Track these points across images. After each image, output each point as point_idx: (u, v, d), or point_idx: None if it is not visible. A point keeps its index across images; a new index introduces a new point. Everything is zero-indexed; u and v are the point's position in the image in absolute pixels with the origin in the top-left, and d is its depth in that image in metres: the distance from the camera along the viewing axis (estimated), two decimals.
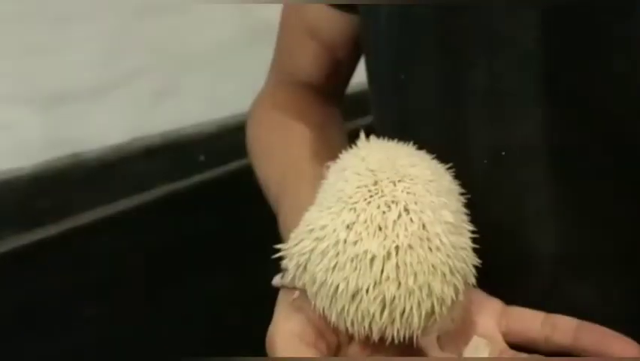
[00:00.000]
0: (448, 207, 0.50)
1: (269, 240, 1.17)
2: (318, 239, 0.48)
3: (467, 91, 0.55)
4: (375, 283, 0.46)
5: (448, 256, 0.48)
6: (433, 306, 0.47)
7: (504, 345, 0.51)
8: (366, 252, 0.47)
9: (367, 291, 0.46)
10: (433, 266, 0.47)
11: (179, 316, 1.15)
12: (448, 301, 0.48)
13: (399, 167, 0.50)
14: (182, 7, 1.14)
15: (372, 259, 0.47)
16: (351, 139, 0.66)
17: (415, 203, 0.48)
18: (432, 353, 0.50)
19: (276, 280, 0.52)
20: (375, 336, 0.48)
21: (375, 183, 0.49)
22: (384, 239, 0.47)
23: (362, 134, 0.56)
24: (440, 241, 0.48)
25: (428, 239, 0.47)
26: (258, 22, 1.18)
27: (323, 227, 0.48)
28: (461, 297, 0.49)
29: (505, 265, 0.55)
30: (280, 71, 0.76)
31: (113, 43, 1.12)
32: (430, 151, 0.54)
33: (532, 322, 0.51)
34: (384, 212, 0.48)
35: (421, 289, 0.47)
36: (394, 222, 0.47)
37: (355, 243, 0.47)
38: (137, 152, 1.12)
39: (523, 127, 0.53)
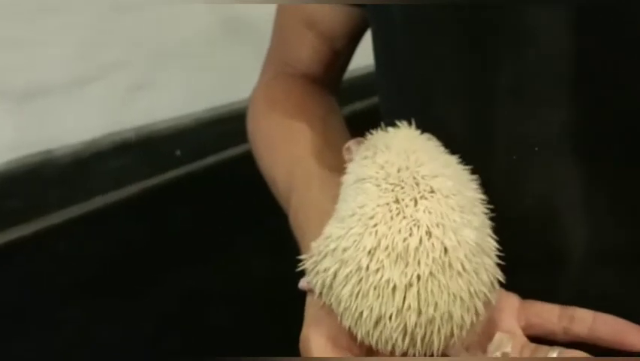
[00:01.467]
0: (472, 223, 0.50)
1: (247, 235, 1.15)
2: (342, 262, 0.48)
3: (495, 86, 0.55)
4: (397, 312, 0.47)
5: (469, 281, 0.48)
6: (452, 330, 0.48)
7: (524, 339, 0.53)
8: (388, 281, 0.47)
9: (390, 318, 0.47)
10: (453, 294, 0.48)
11: (158, 313, 1.14)
12: (468, 326, 0.49)
13: (420, 179, 0.50)
14: (158, 0, 1.13)
15: (394, 289, 0.47)
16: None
17: (437, 225, 0.48)
18: (456, 354, 0.51)
19: (303, 284, 0.53)
20: (398, 354, 0.49)
21: (397, 201, 0.49)
22: (406, 267, 0.47)
23: (380, 130, 0.55)
24: (462, 266, 0.48)
25: (450, 265, 0.48)
26: (233, 15, 1.18)
27: (345, 249, 0.48)
28: (482, 318, 0.50)
29: (536, 258, 0.56)
30: (277, 63, 0.76)
31: (86, 37, 1.10)
32: (455, 146, 0.54)
33: (549, 315, 0.54)
34: (404, 238, 0.47)
35: (441, 317, 0.48)
36: (416, 249, 0.47)
37: (377, 271, 0.47)
38: (112, 148, 1.10)
39: (552, 123, 0.54)
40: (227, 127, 1.16)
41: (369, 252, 0.48)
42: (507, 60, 0.54)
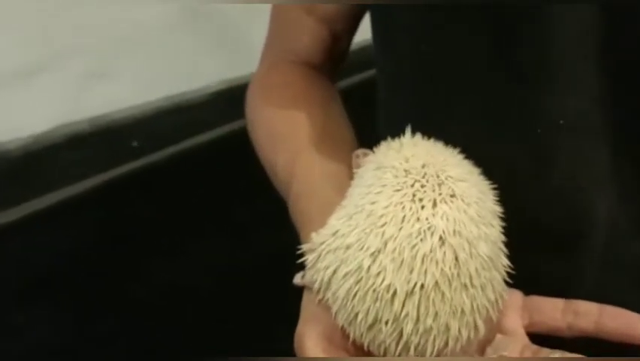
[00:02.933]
0: (488, 236, 0.48)
1: (209, 226, 1.13)
2: (342, 261, 0.47)
3: (520, 63, 0.54)
4: (394, 319, 0.45)
5: (474, 296, 0.46)
6: (447, 341, 0.47)
7: (526, 340, 0.52)
8: (388, 286, 0.45)
9: (386, 324, 0.46)
10: (455, 307, 0.46)
11: (120, 310, 1.11)
12: (464, 340, 0.47)
13: (444, 179, 0.47)
14: None
15: (394, 295, 0.45)
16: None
17: (454, 233, 0.46)
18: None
19: (297, 279, 0.52)
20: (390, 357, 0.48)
21: (413, 200, 0.46)
22: (410, 273, 0.45)
23: (408, 131, 0.52)
24: (470, 280, 0.46)
25: (458, 276, 0.46)
26: (191, 2, 1.15)
27: (348, 247, 0.46)
28: (480, 334, 0.48)
29: (563, 230, 0.55)
30: (276, 51, 0.75)
31: (35, 23, 1.07)
32: (477, 122, 0.54)
33: (553, 311, 0.52)
34: (414, 244, 0.45)
35: (438, 329, 0.46)
36: (425, 256, 0.45)
37: (378, 274, 0.45)
38: (65, 140, 1.08)
39: (578, 99, 0.53)
40: (187, 116, 1.15)
41: (373, 253, 0.45)
42: (532, 36, 0.53)
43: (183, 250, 1.13)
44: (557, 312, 0.52)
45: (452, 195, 0.47)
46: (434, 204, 0.46)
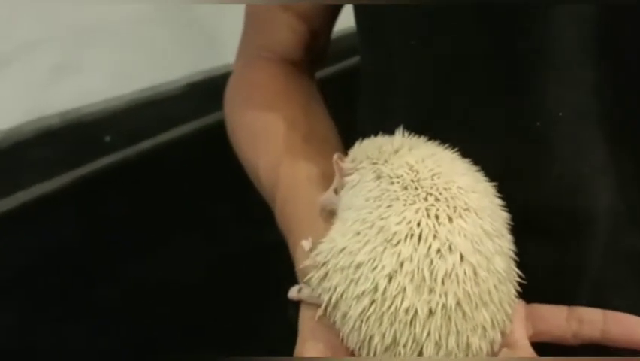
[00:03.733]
0: (502, 249, 0.47)
1: (185, 223, 1.11)
2: (353, 281, 0.45)
3: (520, 51, 0.54)
4: (413, 340, 0.44)
5: (493, 312, 0.46)
6: (466, 357, 0.46)
7: (531, 352, 0.51)
8: (407, 309, 0.44)
9: (404, 346, 0.45)
10: (476, 324, 0.45)
11: (93, 310, 1.09)
12: (483, 355, 0.47)
13: (457, 192, 0.46)
14: None
15: (414, 316, 0.44)
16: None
17: (473, 250, 0.45)
18: None
19: (293, 293, 0.51)
20: None
21: (428, 215, 0.45)
22: (430, 294, 0.44)
23: (399, 131, 0.51)
24: (490, 296, 0.46)
25: (479, 294, 0.45)
26: None
27: (358, 266, 0.45)
28: (496, 346, 0.48)
29: (564, 222, 0.55)
30: (252, 48, 0.74)
31: (4, 13, 1.04)
32: (474, 117, 0.54)
33: (557, 319, 0.52)
34: (433, 263, 0.44)
35: (459, 347, 0.45)
36: (445, 275, 0.44)
37: (397, 295, 0.44)
38: (35, 136, 1.05)
39: (577, 89, 0.53)
40: (161, 109, 1.12)
41: (389, 273, 0.44)
42: (530, 28, 0.53)
43: (158, 247, 1.11)
44: (562, 320, 0.51)
45: (466, 209, 0.46)
46: (450, 220, 0.45)
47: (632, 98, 0.53)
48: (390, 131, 0.52)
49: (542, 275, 0.54)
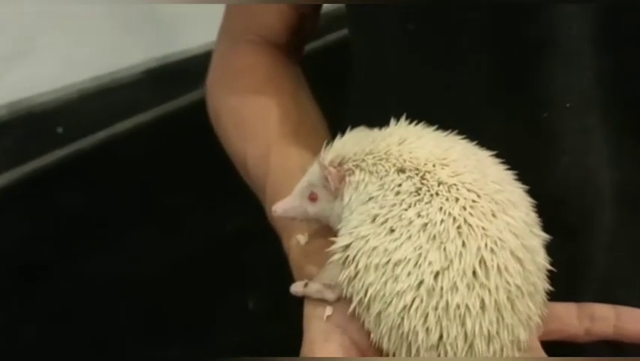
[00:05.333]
0: (540, 244, 0.48)
1: (143, 215, 1.08)
2: (391, 279, 0.45)
3: (525, 38, 0.53)
4: (464, 337, 0.45)
5: (536, 304, 0.47)
6: (514, 352, 0.47)
7: (541, 353, 0.51)
8: (458, 305, 0.44)
9: (453, 342, 0.45)
10: (525, 318, 0.46)
11: (48, 307, 1.06)
12: (525, 345, 0.47)
13: (493, 185, 0.47)
14: None
15: (466, 313, 0.44)
16: None
17: (520, 246, 0.46)
18: None
19: (298, 289, 0.50)
20: None
21: (472, 211, 0.45)
22: (482, 289, 0.44)
23: (394, 121, 0.51)
24: (535, 288, 0.47)
25: (527, 288, 0.46)
26: None
27: (398, 263, 0.45)
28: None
29: (572, 212, 0.55)
30: (236, 31, 0.72)
31: None
32: (482, 104, 0.54)
33: (569, 318, 0.52)
34: (482, 258, 0.44)
35: (511, 341, 0.46)
36: (498, 271, 0.45)
37: (446, 292, 0.44)
38: None
39: (584, 79, 0.53)
40: (116, 97, 1.10)
41: (437, 271, 0.44)
42: (536, 14, 0.52)
43: (116, 241, 1.08)
44: (573, 318, 0.52)
45: (508, 204, 0.46)
46: (494, 215, 0.45)
47: (638, 88, 0.53)
48: (384, 121, 0.52)
49: (549, 269, 0.53)
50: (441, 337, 0.45)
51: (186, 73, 1.13)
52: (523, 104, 0.54)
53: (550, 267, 0.49)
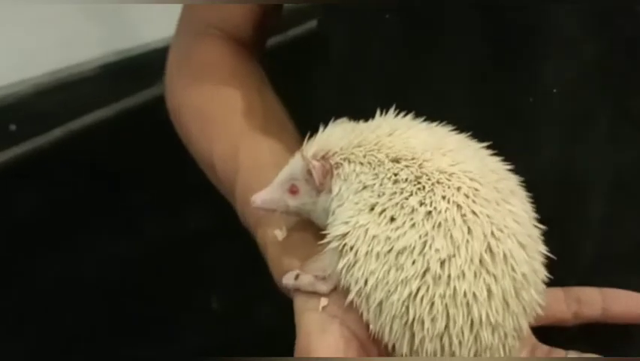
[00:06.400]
0: (539, 234, 0.49)
1: (98, 216, 1.06)
2: (394, 267, 0.45)
3: (512, 29, 0.53)
4: (470, 326, 0.45)
5: (539, 291, 0.48)
6: (516, 341, 0.48)
7: (534, 340, 0.53)
8: (465, 293, 0.44)
9: (460, 332, 0.45)
10: (528, 306, 0.47)
11: (4, 311, 1.04)
12: (525, 333, 0.48)
13: (496, 176, 0.47)
14: None
15: (473, 300, 0.45)
16: None
17: (524, 233, 0.47)
18: None
19: (289, 281, 0.50)
20: None
21: (474, 200, 0.45)
22: (489, 276, 0.45)
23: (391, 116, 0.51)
24: (536, 276, 0.47)
25: (529, 276, 0.47)
26: None
27: (402, 251, 0.45)
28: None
29: (558, 202, 0.55)
30: (197, 25, 0.71)
31: None
32: (467, 91, 0.53)
33: (556, 302, 0.53)
34: (489, 245, 0.45)
35: (515, 331, 0.47)
36: (504, 258, 0.45)
37: (453, 279, 0.44)
38: None
39: (576, 64, 0.52)
40: (73, 94, 1.07)
41: (444, 259, 0.44)
42: (523, 3, 0.51)
43: (72, 242, 1.06)
44: (561, 303, 0.52)
45: (510, 193, 0.47)
46: (497, 203, 0.46)
47: (632, 74, 0.52)
48: (360, 110, 0.52)
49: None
50: (447, 326, 0.45)
51: (147, 67, 1.10)
52: (508, 90, 0.54)
53: (549, 255, 0.49)
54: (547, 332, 0.53)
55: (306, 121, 0.61)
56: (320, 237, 0.53)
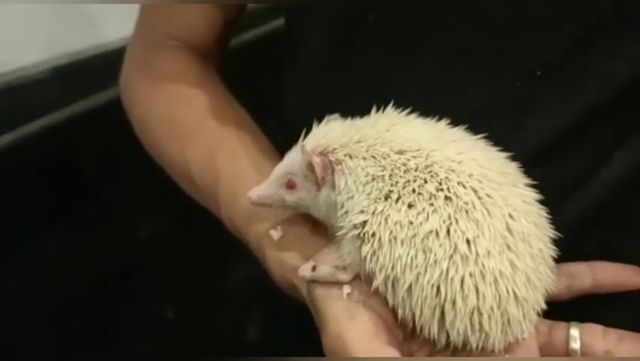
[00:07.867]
0: (545, 216, 0.52)
1: (46, 225, 1.04)
2: (420, 250, 0.47)
3: (491, 14, 0.53)
4: (498, 302, 0.48)
5: (551, 267, 0.51)
6: (535, 314, 0.51)
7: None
8: (493, 270, 0.47)
9: (490, 308, 0.48)
10: (544, 280, 0.51)
11: None
12: (539, 308, 0.51)
13: (499, 162, 0.51)
14: None
15: (500, 276, 0.47)
16: None
17: (536, 214, 0.50)
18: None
19: (306, 273, 0.50)
20: (474, 346, 0.49)
21: (488, 184, 0.48)
22: (512, 254, 0.48)
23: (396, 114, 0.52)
24: (548, 252, 0.51)
25: (542, 253, 0.50)
26: None
27: (427, 235, 0.47)
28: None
29: (540, 190, 0.55)
30: (155, 36, 0.70)
31: None
32: (443, 90, 0.55)
33: None
34: (508, 225, 0.48)
35: (536, 303, 0.50)
36: (523, 236, 0.48)
37: (481, 258, 0.47)
38: None
39: (555, 46, 0.53)
40: (21, 98, 1.05)
41: (470, 239, 0.47)
42: None
43: (20, 252, 1.03)
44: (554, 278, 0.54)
45: (516, 177, 0.51)
46: (508, 187, 0.49)
47: (612, 53, 0.53)
48: (343, 109, 0.53)
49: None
50: (477, 303, 0.47)
51: (99, 70, 1.09)
52: (493, 75, 0.54)
53: (557, 233, 0.52)
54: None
55: (270, 122, 0.62)
56: (316, 231, 0.55)
